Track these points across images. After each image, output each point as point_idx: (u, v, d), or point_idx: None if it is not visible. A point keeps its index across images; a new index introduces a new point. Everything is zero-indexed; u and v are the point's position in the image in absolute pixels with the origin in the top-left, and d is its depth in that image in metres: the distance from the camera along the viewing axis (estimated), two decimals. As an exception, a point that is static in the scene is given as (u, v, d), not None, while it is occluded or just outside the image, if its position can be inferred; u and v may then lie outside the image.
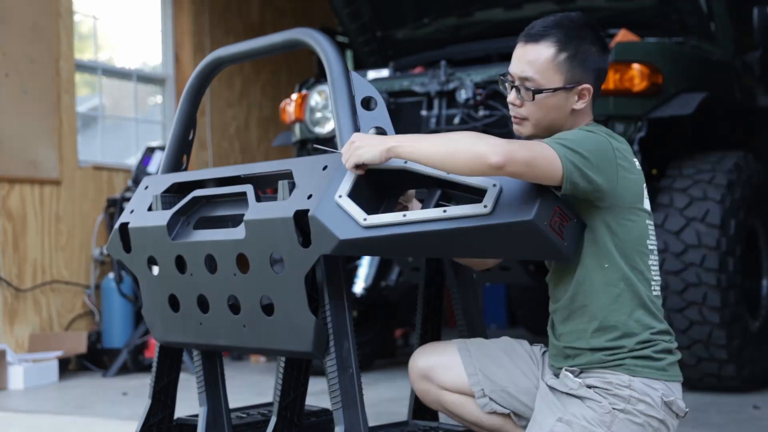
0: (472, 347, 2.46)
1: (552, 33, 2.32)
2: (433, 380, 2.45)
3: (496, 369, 2.40)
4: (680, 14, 5.14)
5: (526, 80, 2.31)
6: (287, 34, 2.47)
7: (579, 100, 2.33)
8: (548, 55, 2.30)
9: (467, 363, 2.42)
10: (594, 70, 2.33)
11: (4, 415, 4.49)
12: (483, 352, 2.45)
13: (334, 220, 2.12)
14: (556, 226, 2.15)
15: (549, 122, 2.32)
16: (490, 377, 2.40)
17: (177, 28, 7.52)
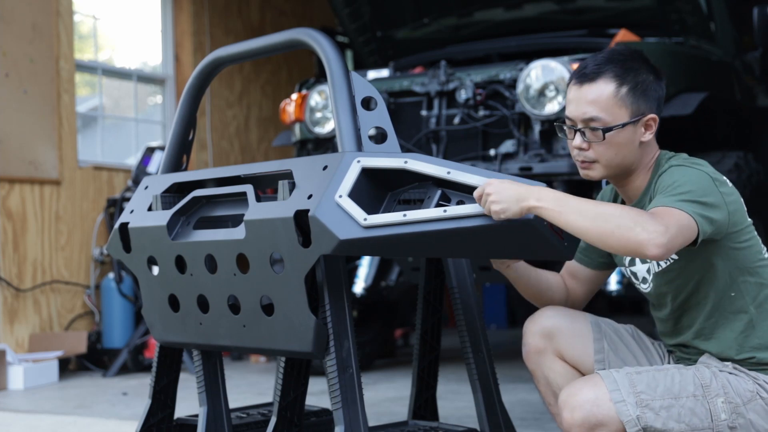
0: (603, 324, 2.39)
1: (608, 69, 2.28)
2: (555, 341, 2.37)
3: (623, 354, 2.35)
4: (680, 14, 5.14)
5: (591, 121, 2.27)
6: (287, 34, 2.47)
7: (646, 131, 2.30)
8: (610, 92, 2.27)
9: (597, 339, 2.35)
10: (656, 99, 2.30)
11: (4, 415, 4.49)
12: (613, 333, 2.38)
13: (334, 220, 2.12)
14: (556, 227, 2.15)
15: (620, 160, 2.29)
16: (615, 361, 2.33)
17: (177, 28, 7.52)
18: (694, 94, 4.64)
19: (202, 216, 2.52)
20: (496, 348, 6.54)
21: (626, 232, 2.01)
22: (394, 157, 2.22)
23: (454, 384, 4.83)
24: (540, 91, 4.52)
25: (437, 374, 2.82)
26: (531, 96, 4.53)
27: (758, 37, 5.15)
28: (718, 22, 5.15)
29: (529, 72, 4.55)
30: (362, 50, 6.16)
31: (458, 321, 2.71)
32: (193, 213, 2.53)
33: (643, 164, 2.32)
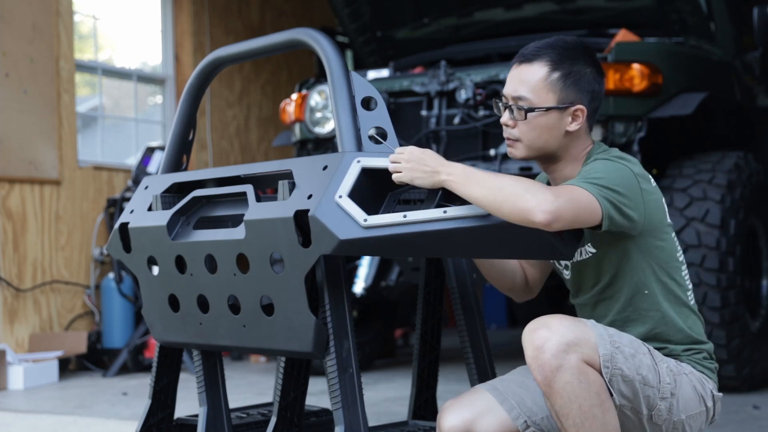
0: (498, 384, 2.38)
1: (545, 53, 2.31)
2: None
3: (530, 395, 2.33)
4: (680, 14, 5.14)
5: (518, 99, 2.31)
6: (287, 34, 2.47)
7: (573, 121, 2.31)
8: (541, 75, 2.30)
9: (502, 401, 2.33)
10: (588, 92, 2.32)
11: (4, 415, 4.49)
12: (511, 384, 2.37)
13: (334, 220, 2.12)
14: (556, 226, 2.15)
15: (542, 143, 2.32)
16: (528, 406, 2.32)
17: (177, 28, 7.52)
18: (694, 94, 4.64)
19: (202, 216, 2.52)
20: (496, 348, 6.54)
21: (516, 200, 2.06)
22: (394, 157, 2.22)
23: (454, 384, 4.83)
24: (540, 91, 4.52)
25: (437, 374, 2.82)
26: (531, 96, 4.52)
27: (758, 37, 5.15)
28: (718, 22, 5.15)
29: (529, 72, 4.55)
30: (362, 50, 6.16)
31: (458, 321, 2.71)
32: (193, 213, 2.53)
33: (571, 154, 2.35)
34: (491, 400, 2.34)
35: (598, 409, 2.10)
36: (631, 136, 4.50)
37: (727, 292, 4.38)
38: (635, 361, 2.17)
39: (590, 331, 2.15)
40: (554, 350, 2.08)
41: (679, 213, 4.43)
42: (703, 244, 4.38)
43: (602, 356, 2.13)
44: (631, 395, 2.17)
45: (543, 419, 2.31)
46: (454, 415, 2.34)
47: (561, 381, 2.08)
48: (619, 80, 4.50)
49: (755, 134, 5.68)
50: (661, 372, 2.21)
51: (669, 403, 2.21)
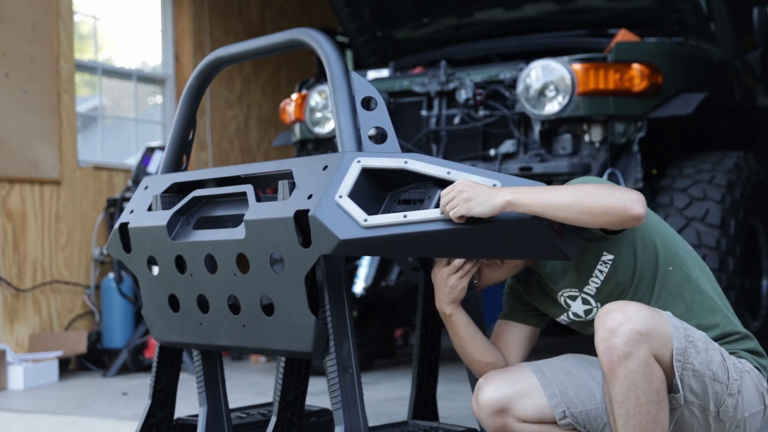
0: (544, 368, 2.36)
1: None
2: (512, 412, 2.31)
3: (573, 386, 2.32)
4: (680, 14, 5.14)
5: None
6: (287, 34, 2.47)
7: None
8: None
9: (545, 385, 2.31)
10: None
11: (4, 415, 4.49)
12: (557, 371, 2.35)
13: (334, 220, 2.12)
14: (556, 226, 2.15)
15: None
16: (569, 396, 2.31)
17: (177, 28, 7.52)
18: (694, 94, 4.64)
19: (202, 216, 2.52)
20: (496, 348, 6.52)
21: (608, 200, 2.07)
22: (394, 157, 2.22)
23: (454, 384, 4.83)
24: (540, 91, 4.52)
25: (437, 374, 2.82)
26: (531, 96, 4.53)
27: (758, 37, 5.15)
28: (718, 22, 5.15)
29: (529, 72, 4.55)
30: (362, 50, 6.16)
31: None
32: (193, 213, 2.53)
33: None
34: (534, 383, 2.32)
35: (654, 406, 2.10)
36: (631, 136, 4.50)
37: (727, 292, 4.38)
38: (706, 356, 2.17)
39: (666, 324, 2.14)
40: (626, 337, 2.08)
41: (679, 213, 4.43)
42: (703, 244, 4.38)
43: (676, 349, 2.12)
44: (701, 391, 2.17)
45: (581, 412, 2.30)
46: (495, 388, 2.32)
47: (625, 369, 2.08)
48: (619, 80, 4.50)
49: (755, 134, 5.68)
50: (729, 368, 2.21)
51: (736, 400, 2.22)
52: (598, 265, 2.29)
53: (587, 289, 2.34)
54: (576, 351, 2.53)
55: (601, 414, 2.29)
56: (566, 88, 4.45)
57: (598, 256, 2.28)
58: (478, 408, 2.34)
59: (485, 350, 2.44)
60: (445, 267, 2.30)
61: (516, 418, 2.31)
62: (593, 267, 2.30)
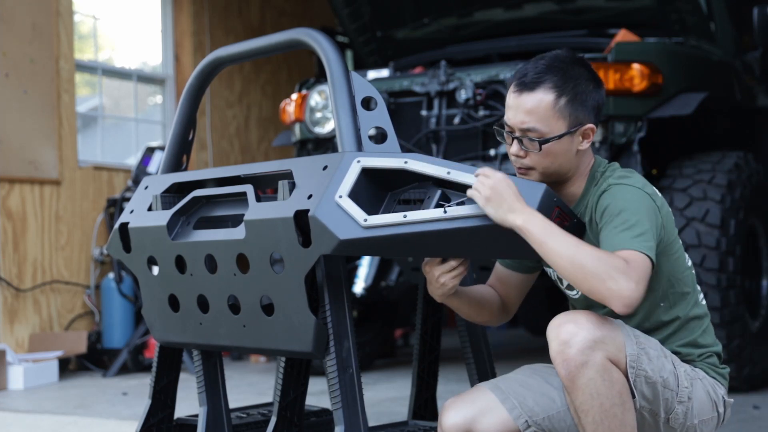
0: (501, 383, 2.36)
1: (547, 78, 2.26)
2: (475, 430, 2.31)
3: (532, 395, 2.32)
4: (680, 14, 5.14)
5: (528, 131, 2.26)
6: (287, 34, 2.47)
7: (584, 140, 2.29)
8: (548, 102, 2.25)
9: (503, 399, 2.31)
10: (594, 108, 2.29)
11: (4, 415, 4.49)
12: (513, 384, 2.36)
13: (334, 220, 2.12)
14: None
15: (557, 168, 2.29)
16: (529, 405, 2.31)
17: (177, 28, 7.52)
18: (694, 94, 4.64)
19: (202, 216, 2.52)
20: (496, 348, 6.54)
21: (597, 283, 2.03)
22: (394, 157, 2.22)
23: (454, 384, 4.83)
24: (540, 91, 4.52)
25: (437, 374, 2.82)
26: (531, 96, 4.52)
27: (758, 37, 5.15)
28: (718, 22, 5.15)
29: (529, 72, 4.54)
30: (362, 50, 6.16)
31: (458, 321, 2.71)
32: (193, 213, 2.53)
33: (579, 172, 2.33)
34: (493, 399, 2.33)
35: (619, 409, 2.09)
36: (631, 136, 4.50)
37: (727, 292, 4.38)
38: (658, 364, 2.17)
39: (617, 330, 2.14)
40: (581, 346, 2.07)
41: (679, 213, 4.43)
42: (703, 244, 4.38)
43: (629, 356, 2.12)
44: (652, 397, 2.17)
45: (544, 419, 2.31)
46: (455, 412, 2.33)
47: (585, 377, 2.07)
48: (619, 80, 4.50)
49: (755, 134, 5.68)
50: (680, 376, 2.22)
51: (685, 407, 2.22)
52: None
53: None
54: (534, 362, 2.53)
55: (563, 417, 2.30)
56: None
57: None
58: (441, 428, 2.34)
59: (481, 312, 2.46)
60: (437, 265, 2.30)
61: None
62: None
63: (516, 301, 2.53)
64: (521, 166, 2.31)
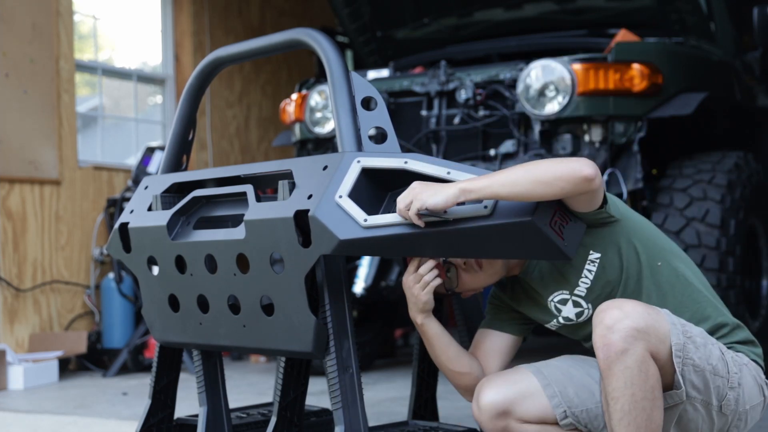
0: (544, 369, 2.36)
1: None
2: (514, 414, 2.30)
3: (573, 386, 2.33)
4: (680, 14, 5.14)
5: None
6: (287, 34, 2.47)
7: None
8: None
9: (545, 386, 2.31)
10: None
11: (4, 415, 4.49)
12: (556, 371, 2.36)
13: (334, 220, 2.12)
14: (556, 226, 2.15)
15: None
16: (569, 396, 2.31)
17: (177, 28, 7.52)
18: (694, 94, 4.64)
19: (202, 216, 2.52)
20: (496, 348, 6.52)
21: (557, 167, 2.07)
22: (394, 157, 2.22)
23: (454, 384, 4.82)
24: (540, 91, 4.52)
25: (437, 374, 2.82)
26: (531, 96, 4.53)
27: (758, 37, 5.15)
28: (718, 22, 5.15)
29: (529, 72, 4.55)
30: (362, 50, 6.16)
31: (458, 321, 2.71)
32: (193, 213, 2.53)
33: None
34: (535, 384, 2.32)
35: (649, 403, 2.11)
36: (631, 136, 4.50)
37: (727, 292, 4.38)
38: (705, 351, 2.18)
39: (663, 320, 2.15)
40: (624, 333, 2.09)
41: (679, 213, 4.43)
42: (703, 244, 4.38)
43: (674, 345, 2.14)
44: (702, 386, 2.18)
45: (582, 412, 2.31)
46: (496, 390, 2.32)
47: (622, 365, 2.09)
48: (619, 80, 4.50)
49: (755, 134, 5.68)
50: (729, 362, 2.23)
51: (737, 393, 2.23)
52: (587, 265, 2.31)
53: (578, 291, 2.34)
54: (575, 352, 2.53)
55: (601, 413, 2.30)
56: (566, 88, 4.45)
57: (585, 255, 2.30)
58: (479, 411, 2.33)
59: (458, 360, 2.44)
60: (411, 275, 2.31)
61: (518, 420, 2.31)
62: (582, 267, 2.31)
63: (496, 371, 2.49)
64: None
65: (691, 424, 2.22)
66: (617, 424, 2.11)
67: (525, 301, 2.46)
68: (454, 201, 2.08)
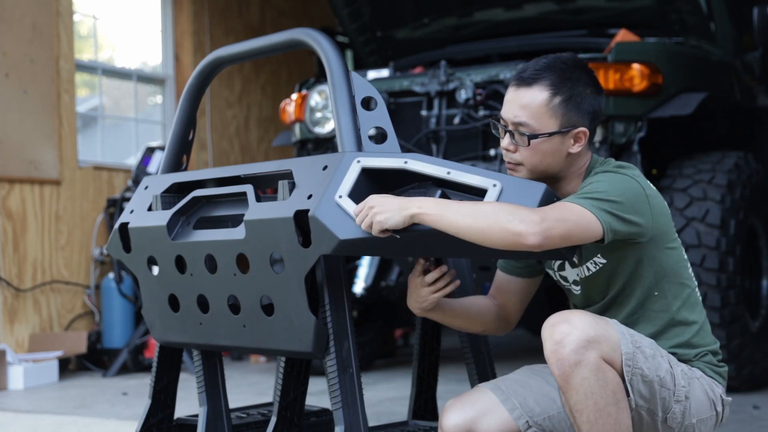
0: (501, 384, 2.36)
1: (545, 76, 2.27)
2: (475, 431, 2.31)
3: (532, 395, 2.33)
4: (680, 14, 5.14)
5: (520, 125, 2.27)
6: (287, 34, 2.47)
7: (575, 143, 2.29)
8: (542, 99, 2.26)
9: (504, 400, 2.32)
10: (589, 113, 2.29)
11: (4, 415, 4.49)
12: (514, 384, 2.36)
13: (334, 220, 2.12)
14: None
15: (545, 167, 2.29)
16: (530, 406, 2.31)
17: (177, 28, 7.52)
18: (694, 94, 4.64)
19: (202, 216, 2.52)
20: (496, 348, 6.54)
21: (504, 225, 2.02)
22: (394, 157, 2.22)
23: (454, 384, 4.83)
24: (540, 91, 4.52)
25: (437, 374, 2.82)
26: (531, 96, 4.52)
27: (758, 37, 5.15)
28: (718, 22, 5.15)
29: (530, 72, 4.55)
30: (362, 50, 6.16)
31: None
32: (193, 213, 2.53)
33: (573, 172, 2.33)
34: (493, 399, 2.32)
35: (613, 408, 2.09)
36: (631, 136, 4.50)
37: (727, 292, 4.38)
38: (654, 363, 2.17)
39: (612, 329, 2.14)
40: (574, 345, 2.07)
41: (679, 213, 4.43)
42: (703, 244, 4.38)
43: (624, 354, 2.12)
44: (649, 396, 2.17)
45: (545, 419, 2.31)
46: (456, 413, 2.33)
47: (579, 377, 2.07)
48: (619, 80, 4.50)
49: (755, 134, 5.68)
50: (677, 375, 2.22)
51: (683, 407, 2.22)
52: (588, 263, 2.31)
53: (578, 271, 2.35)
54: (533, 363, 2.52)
55: (564, 417, 2.30)
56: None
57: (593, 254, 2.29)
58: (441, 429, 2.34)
59: (471, 325, 2.46)
60: (418, 277, 2.31)
61: None
62: (588, 259, 2.31)
63: (516, 310, 2.52)
64: (510, 160, 2.32)
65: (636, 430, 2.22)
66: None
67: None
68: (408, 224, 2.09)
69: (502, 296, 2.51)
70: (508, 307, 2.51)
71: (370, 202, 2.11)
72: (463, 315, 2.45)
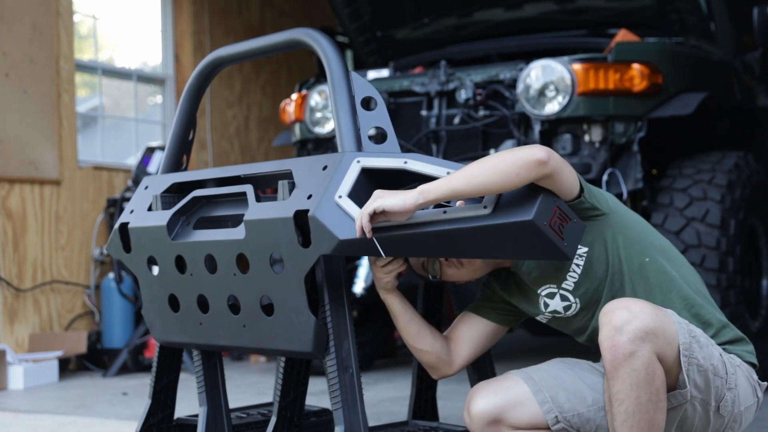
0: (534, 375, 2.35)
1: None
2: (506, 422, 2.30)
3: (564, 390, 2.32)
4: (680, 14, 5.14)
5: None
6: (287, 34, 2.47)
7: None
8: None
9: (536, 392, 2.30)
10: None
11: (4, 415, 4.49)
12: (546, 376, 2.34)
13: (334, 220, 2.12)
14: (556, 226, 2.15)
15: None
16: (560, 401, 2.30)
17: (177, 28, 7.52)
18: (694, 94, 4.64)
19: (202, 216, 2.52)
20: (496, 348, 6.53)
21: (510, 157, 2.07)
22: (394, 157, 2.22)
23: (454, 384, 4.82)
24: (540, 91, 4.52)
25: (437, 374, 2.81)
26: (531, 96, 4.53)
27: (758, 37, 5.15)
28: (718, 22, 5.15)
29: (529, 72, 4.55)
30: (362, 50, 6.16)
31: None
32: (193, 213, 2.53)
33: None
34: (525, 390, 2.31)
35: (653, 405, 2.10)
36: (631, 136, 4.50)
37: (727, 292, 4.38)
38: (708, 351, 2.19)
39: (670, 320, 2.15)
40: (632, 335, 2.08)
41: (679, 213, 4.43)
42: (703, 244, 4.37)
43: (682, 344, 2.13)
44: (704, 386, 2.19)
45: (574, 416, 2.30)
46: (485, 399, 2.31)
47: (629, 367, 2.08)
48: (619, 80, 4.50)
49: (755, 134, 5.68)
50: (727, 363, 2.24)
51: (733, 394, 2.24)
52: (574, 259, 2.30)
53: (565, 285, 2.35)
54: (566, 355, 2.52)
55: (593, 417, 2.30)
56: (566, 88, 4.45)
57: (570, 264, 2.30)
58: (470, 419, 2.33)
59: (420, 337, 2.48)
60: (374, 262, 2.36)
61: (509, 427, 2.30)
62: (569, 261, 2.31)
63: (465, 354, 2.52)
64: None
65: (687, 422, 2.23)
66: (620, 427, 2.11)
67: (516, 292, 2.46)
68: (413, 203, 2.08)
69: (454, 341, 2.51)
70: (459, 349, 2.51)
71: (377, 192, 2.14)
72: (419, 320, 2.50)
